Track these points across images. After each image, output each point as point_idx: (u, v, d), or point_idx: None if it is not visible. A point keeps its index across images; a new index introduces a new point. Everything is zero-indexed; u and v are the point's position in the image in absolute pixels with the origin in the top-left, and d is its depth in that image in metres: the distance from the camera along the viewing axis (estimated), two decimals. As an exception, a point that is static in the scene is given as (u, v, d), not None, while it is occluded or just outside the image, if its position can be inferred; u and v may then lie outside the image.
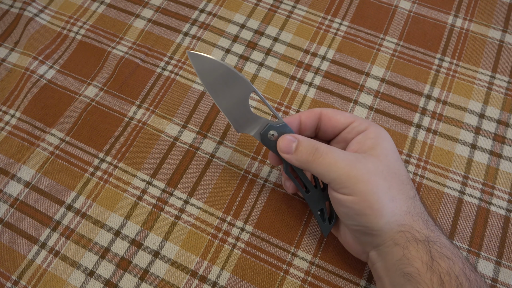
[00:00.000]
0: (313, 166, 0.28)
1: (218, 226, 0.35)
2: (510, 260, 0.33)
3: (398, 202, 0.27)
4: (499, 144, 0.37)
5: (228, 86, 0.32)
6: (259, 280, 0.33)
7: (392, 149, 0.29)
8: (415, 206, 0.27)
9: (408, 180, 0.28)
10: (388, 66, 0.41)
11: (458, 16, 0.43)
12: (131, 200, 0.36)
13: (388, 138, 0.29)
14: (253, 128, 0.32)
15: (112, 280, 0.33)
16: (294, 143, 0.30)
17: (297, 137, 0.30)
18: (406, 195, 0.27)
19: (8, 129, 0.39)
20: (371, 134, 0.29)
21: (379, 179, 0.27)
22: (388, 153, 0.28)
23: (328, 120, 0.31)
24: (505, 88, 0.40)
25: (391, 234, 0.26)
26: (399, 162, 0.29)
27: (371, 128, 0.30)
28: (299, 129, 0.32)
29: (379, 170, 0.27)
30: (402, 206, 0.27)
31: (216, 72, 0.31)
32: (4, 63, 0.43)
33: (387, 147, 0.29)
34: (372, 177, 0.27)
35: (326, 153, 0.28)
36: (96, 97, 0.41)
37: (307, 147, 0.29)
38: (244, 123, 0.32)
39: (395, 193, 0.27)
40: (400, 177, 0.28)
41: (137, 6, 0.45)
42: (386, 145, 0.29)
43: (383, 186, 0.27)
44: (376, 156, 0.28)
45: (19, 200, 0.36)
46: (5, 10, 0.46)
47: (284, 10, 0.44)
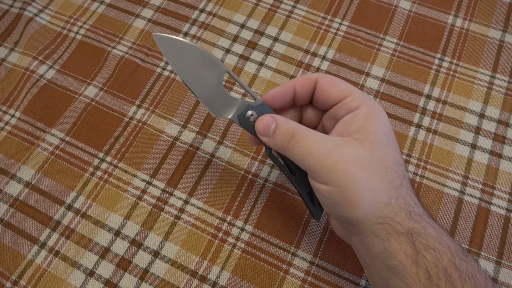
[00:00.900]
0: (288, 152, 0.27)
1: (218, 226, 0.35)
2: (510, 260, 0.33)
3: (378, 193, 0.25)
4: (499, 144, 0.37)
5: (200, 68, 0.29)
6: (259, 280, 0.33)
7: (382, 132, 0.26)
8: (398, 196, 0.25)
9: (394, 167, 0.26)
10: (388, 66, 0.41)
11: (458, 16, 0.43)
12: (131, 200, 0.36)
13: (380, 120, 0.27)
14: (231, 110, 0.30)
15: (112, 280, 0.33)
16: (273, 125, 0.27)
17: (276, 118, 0.28)
18: (388, 185, 0.25)
19: (8, 129, 0.39)
20: (361, 115, 0.27)
21: (356, 169, 0.25)
22: (376, 137, 0.26)
23: (321, 91, 0.29)
24: (505, 88, 0.40)
25: (369, 225, 0.25)
26: (388, 146, 0.26)
27: (363, 107, 0.27)
28: (294, 98, 0.30)
29: (359, 158, 0.25)
30: (382, 197, 0.25)
31: (186, 54, 0.29)
32: (4, 63, 0.43)
33: (376, 131, 0.26)
34: (348, 167, 0.25)
35: (302, 139, 0.26)
36: (96, 97, 0.41)
37: (284, 131, 0.27)
38: (220, 106, 0.30)
39: (374, 183, 0.25)
40: (384, 164, 0.26)
41: (137, 6, 0.45)
42: (374, 129, 0.26)
43: (360, 176, 0.25)
44: (360, 141, 0.26)
45: (19, 200, 0.36)
46: (5, 10, 0.46)
47: (284, 10, 0.44)
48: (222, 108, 0.30)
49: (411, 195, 0.26)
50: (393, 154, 0.26)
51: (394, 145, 0.27)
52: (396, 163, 0.26)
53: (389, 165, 0.26)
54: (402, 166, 0.27)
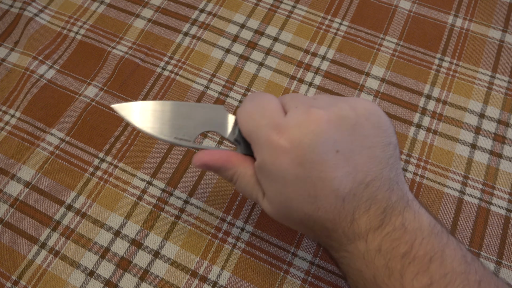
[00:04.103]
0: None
1: (218, 226, 0.35)
2: (510, 260, 0.33)
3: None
4: (499, 144, 0.37)
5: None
6: (259, 280, 0.33)
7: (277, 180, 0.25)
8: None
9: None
10: (388, 66, 0.41)
11: (458, 16, 0.43)
12: (131, 200, 0.36)
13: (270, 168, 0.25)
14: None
15: (112, 280, 0.33)
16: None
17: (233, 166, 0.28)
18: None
19: (8, 129, 0.39)
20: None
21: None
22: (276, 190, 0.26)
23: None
24: (505, 88, 0.40)
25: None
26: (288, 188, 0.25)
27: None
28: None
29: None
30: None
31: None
32: (4, 63, 0.43)
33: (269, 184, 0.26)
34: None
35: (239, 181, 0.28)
36: (96, 97, 0.41)
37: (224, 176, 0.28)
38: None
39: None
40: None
41: (137, 6, 0.45)
42: (267, 185, 0.26)
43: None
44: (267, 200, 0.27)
45: (19, 200, 0.36)
46: (5, 10, 0.46)
47: (284, 10, 0.44)
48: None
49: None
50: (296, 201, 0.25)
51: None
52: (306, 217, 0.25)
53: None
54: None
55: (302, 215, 0.24)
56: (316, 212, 0.24)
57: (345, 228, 0.24)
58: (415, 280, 0.22)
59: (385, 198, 0.24)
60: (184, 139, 0.28)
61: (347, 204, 0.24)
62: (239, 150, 0.28)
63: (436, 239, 0.23)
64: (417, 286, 0.21)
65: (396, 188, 0.24)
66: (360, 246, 0.23)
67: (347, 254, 0.24)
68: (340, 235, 0.24)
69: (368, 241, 0.23)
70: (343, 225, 0.24)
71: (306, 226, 0.25)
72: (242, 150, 0.28)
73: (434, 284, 0.21)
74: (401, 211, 0.24)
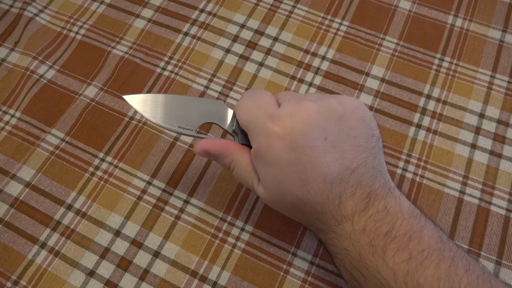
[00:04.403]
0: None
1: (218, 226, 0.35)
2: (510, 260, 0.33)
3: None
4: (499, 144, 0.37)
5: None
6: (259, 280, 0.33)
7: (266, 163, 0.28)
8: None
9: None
10: (388, 66, 0.41)
11: (458, 16, 0.43)
12: (131, 200, 0.36)
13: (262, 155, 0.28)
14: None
15: (112, 280, 0.33)
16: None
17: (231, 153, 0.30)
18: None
19: (8, 129, 0.39)
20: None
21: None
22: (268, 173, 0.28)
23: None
24: (505, 88, 0.40)
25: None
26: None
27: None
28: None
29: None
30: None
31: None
32: (4, 63, 0.43)
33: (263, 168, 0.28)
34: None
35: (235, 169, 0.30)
36: (96, 97, 0.41)
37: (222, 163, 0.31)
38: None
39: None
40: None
41: (137, 6, 0.45)
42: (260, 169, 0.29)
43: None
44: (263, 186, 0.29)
45: (19, 200, 0.36)
46: (5, 10, 0.46)
47: (284, 10, 0.44)
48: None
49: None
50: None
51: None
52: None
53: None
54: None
55: (294, 197, 0.26)
56: (307, 194, 0.26)
57: (333, 211, 0.26)
58: (396, 255, 0.24)
59: (369, 184, 0.26)
60: (187, 128, 0.31)
61: (334, 188, 0.26)
62: (236, 140, 0.31)
63: (415, 221, 0.25)
64: (397, 261, 0.24)
65: (379, 176, 0.27)
66: (347, 227, 0.26)
67: (335, 236, 0.26)
68: (328, 217, 0.26)
69: (354, 222, 0.25)
70: (331, 208, 0.26)
71: (298, 210, 0.27)
72: (239, 140, 0.30)
73: (413, 259, 0.23)
74: (384, 196, 0.26)
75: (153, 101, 0.31)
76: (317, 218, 0.27)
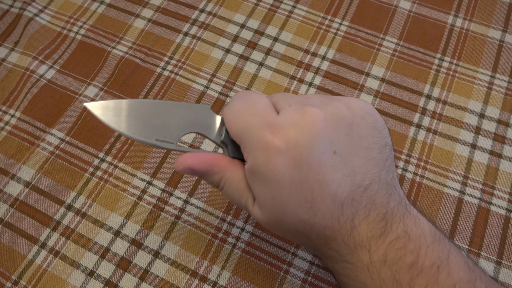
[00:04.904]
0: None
1: (218, 226, 0.35)
2: (510, 260, 0.33)
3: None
4: (499, 144, 0.37)
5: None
6: (259, 280, 0.33)
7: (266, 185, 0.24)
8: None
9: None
10: (388, 66, 0.41)
11: (458, 16, 0.43)
12: (131, 200, 0.36)
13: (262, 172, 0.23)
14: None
15: (112, 280, 0.33)
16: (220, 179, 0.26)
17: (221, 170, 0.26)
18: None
19: (8, 129, 0.39)
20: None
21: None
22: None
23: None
24: (505, 88, 0.40)
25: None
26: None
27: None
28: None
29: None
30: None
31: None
32: (4, 63, 0.43)
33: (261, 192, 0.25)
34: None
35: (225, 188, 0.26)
36: (96, 97, 0.41)
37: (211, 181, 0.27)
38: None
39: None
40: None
41: (137, 6, 0.45)
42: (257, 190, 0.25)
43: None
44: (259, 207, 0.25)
45: (19, 200, 0.36)
46: (5, 10, 0.46)
47: (284, 10, 0.44)
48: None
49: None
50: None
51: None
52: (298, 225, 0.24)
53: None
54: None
55: (297, 221, 0.23)
56: (313, 218, 0.23)
57: (344, 236, 0.22)
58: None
59: (384, 203, 0.23)
60: (166, 141, 0.26)
61: (345, 210, 0.22)
62: (226, 153, 0.26)
63: (439, 247, 0.22)
64: None
65: (394, 192, 0.23)
66: (363, 257, 0.22)
67: (348, 266, 0.23)
68: (339, 243, 0.23)
69: (371, 251, 0.22)
70: (342, 233, 0.22)
71: (301, 234, 0.24)
72: (229, 152, 0.26)
73: None
74: (401, 217, 0.23)
75: (123, 108, 0.25)
76: (325, 244, 0.23)
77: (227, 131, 0.26)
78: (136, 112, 0.26)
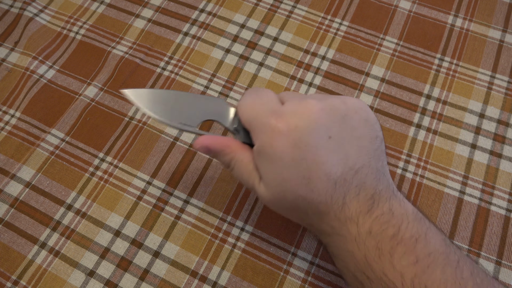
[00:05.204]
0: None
1: (218, 226, 0.35)
2: (510, 260, 0.33)
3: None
4: (499, 144, 0.37)
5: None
6: (259, 280, 0.33)
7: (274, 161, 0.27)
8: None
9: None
10: (388, 66, 0.41)
11: (458, 16, 0.43)
12: (131, 200, 0.36)
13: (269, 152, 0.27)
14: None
15: (112, 280, 0.33)
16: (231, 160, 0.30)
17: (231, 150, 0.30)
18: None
19: (8, 129, 0.39)
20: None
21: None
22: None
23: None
24: (505, 88, 0.40)
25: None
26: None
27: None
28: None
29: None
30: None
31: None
32: (4, 63, 0.43)
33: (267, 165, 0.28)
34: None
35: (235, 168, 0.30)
36: (96, 97, 0.41)
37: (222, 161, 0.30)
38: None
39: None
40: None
41: (137, 6, 0.45)
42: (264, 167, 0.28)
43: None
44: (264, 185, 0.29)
45: (19, 200, 0.36)
46: (5, 10, 0.46)
47: (284, 10, 0.44)
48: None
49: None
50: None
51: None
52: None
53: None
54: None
55: (297, 196, 0.26)
56: (310, 194, 0.25)
57: (336, 211, 0.25)
58: (403, 258, 0.24)
59: (373, 185, 0.26)
60: (188, 124, 0.30)
61: (338, 188, 0.25)
62: (238, 138, 0.30)
63: (419, 224, 0.25)
64: (404, 264, 0.23)
65: (383, 178, 0.26)
66: (351, 229, 0.25)
67: (339, 238, 0.26)
68: (332, 217, 0.26)
69: (359, 224, 0.25)
70: (334, 208, 0.25)
71: (300, 210, 0.27)
72: (241, 138, 0.30)
73: (420, 262, 0.23)
74: (388, 198, 0.26)
75: (153, 95, 0.31)
76: (320, 219, 0.26)
77: (239, 120, 0.30)
78: (164, 100, 0.31)
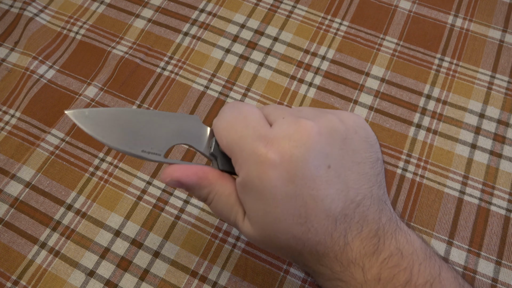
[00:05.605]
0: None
1: (218, 226, 0.35)
2: (511, 260, 0.33)
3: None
4: (499, 144, 0.37)
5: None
6: (259, 280, 0.33)
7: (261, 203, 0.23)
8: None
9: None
10: (388, 66, 0.41)
11: (458, 16, 0.43)
12: (131, 200, 0.36)
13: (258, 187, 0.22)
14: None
15: (112, 280, 0.33)
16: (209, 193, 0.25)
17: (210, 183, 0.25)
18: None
19: (8, 129, 0.39)
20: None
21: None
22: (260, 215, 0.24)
23: None
24: (505, 88, 0.40)
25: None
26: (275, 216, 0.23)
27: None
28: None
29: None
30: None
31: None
32: (4, 63, 0.43)
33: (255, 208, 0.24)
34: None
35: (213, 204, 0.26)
36: (96, 97, 0.41)
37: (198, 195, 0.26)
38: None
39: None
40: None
41: (137, 6, 0.45)
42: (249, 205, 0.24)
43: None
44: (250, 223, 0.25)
45: (19, 200, 0.36)
46: (5, 10, 0.46)
47: (284, 10, 0.44)
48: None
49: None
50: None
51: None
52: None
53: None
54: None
55: (290, 237, 0.22)
56: (306, 233, 0.22)
57: (337, 253, 0.22)
58: None
59: (376, 219, 0.23)
60: (153, 152, 0.24)
61: (339, 225, 0.22)
62: (215, 165, 0.26)
63: (431, 263, 0.22)
64: None
65: (385, 208, 0.23)
66: (356, 275, 0.22)
67: (341, 284, 0.22)
68: (332, 260, 0.22)
69: (365, 269, 0.22)
70: (335, 249, 0.22)
71: (294, 251, 0.23)
72: (218, 165, 0.25)
73: None
74: (393, 233, 0.22)
75: (108, 116, 0.24)
76: (318, 261, 0.23)
77: (217, 143, 0.25)
78: (121, 122, 0.24)
